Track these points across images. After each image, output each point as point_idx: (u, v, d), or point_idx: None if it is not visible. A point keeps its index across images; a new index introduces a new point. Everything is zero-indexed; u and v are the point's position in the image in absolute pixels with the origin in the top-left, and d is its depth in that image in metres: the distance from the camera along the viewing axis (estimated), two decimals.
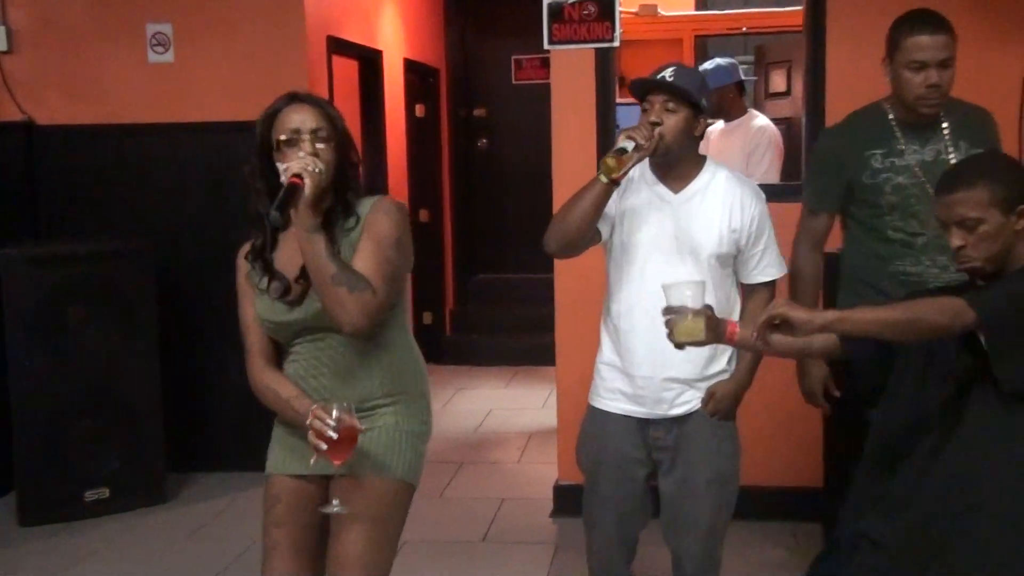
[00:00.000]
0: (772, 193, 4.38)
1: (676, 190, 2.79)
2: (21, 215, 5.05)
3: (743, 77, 5.33)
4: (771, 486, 4.23)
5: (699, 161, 2.83)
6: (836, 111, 4.12)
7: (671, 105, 2.69)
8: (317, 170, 2.24)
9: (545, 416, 5.87)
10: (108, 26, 5.03)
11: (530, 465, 5.19)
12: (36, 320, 4.42)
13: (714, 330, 2.33)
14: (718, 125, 5.25)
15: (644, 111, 2.73)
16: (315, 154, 2.28)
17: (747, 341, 2.38)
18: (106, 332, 4.54)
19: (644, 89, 2.74)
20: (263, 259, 2.41)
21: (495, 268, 8.11)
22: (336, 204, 2.35)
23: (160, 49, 4.99)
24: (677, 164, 2.77)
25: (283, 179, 2.23)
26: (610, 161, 2.63)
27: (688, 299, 2.31)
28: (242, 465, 4.99)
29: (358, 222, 2.35)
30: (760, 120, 5.11)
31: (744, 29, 6.97)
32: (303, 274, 2.33)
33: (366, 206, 2.38)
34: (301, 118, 2.32)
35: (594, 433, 2.92)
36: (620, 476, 2.86)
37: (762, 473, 4.28)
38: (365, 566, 2.35)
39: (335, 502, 2.34)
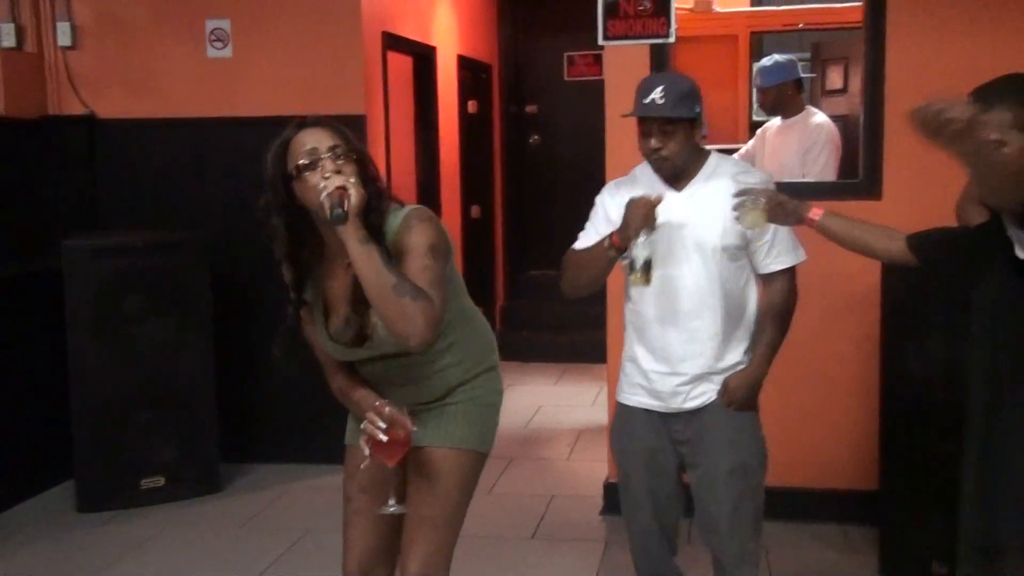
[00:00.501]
0: (830, 190, 4.39)
1: (679, 187, 2.81)
2: (83, 207, 5.15)
3: (801, 74, 5.27)
4: (824, 488, 4.19)
5: (702, 156, 2.84)
6: (896, 108, 4.08)
7: (668, 128, 2.71)
8: (351, 182, 2.19)
9: (595, 413, 5.86)
10: (168, 22, 5.11)
11: (580, 462, 5.18)
12: (96, 310, 4.50)
13: (793, 213, 2.49)
14: (775, 122, 5.20)
15: (643, 134, 2.75)
16: (339, 171, 2.22)
17: (828, 228, 2.51)
18: (163, 322, 4.61)
19: (634, 115, 2.76)
20: (300, 299, 2.42)
21: (546, 264, 8.09)
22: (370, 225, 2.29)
23: (219, 44, 5.05)
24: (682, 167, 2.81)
25: (322, 197, 2.18)
26: (634, 278, 2.69)
27: (757, 194, 2.49)
28: (295, 457, 5.05)
29: (383, 242, 2.29)
30: (818, 117, 5.05)
31: (800, 25, 6.90)
32: (354, 320, 2.35)
33: (398, 220, 2.33)
34: (316, 139, 2.28)
35: (621, 428, 2.97)
36: (650, 468, 2.89)
37: (815, 474, 4.24)
38: (434, 534, 2.45)
39: (391, 502, 2.42)
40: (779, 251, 2.83)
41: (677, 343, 2.80)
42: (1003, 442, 2.17)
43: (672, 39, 4.19)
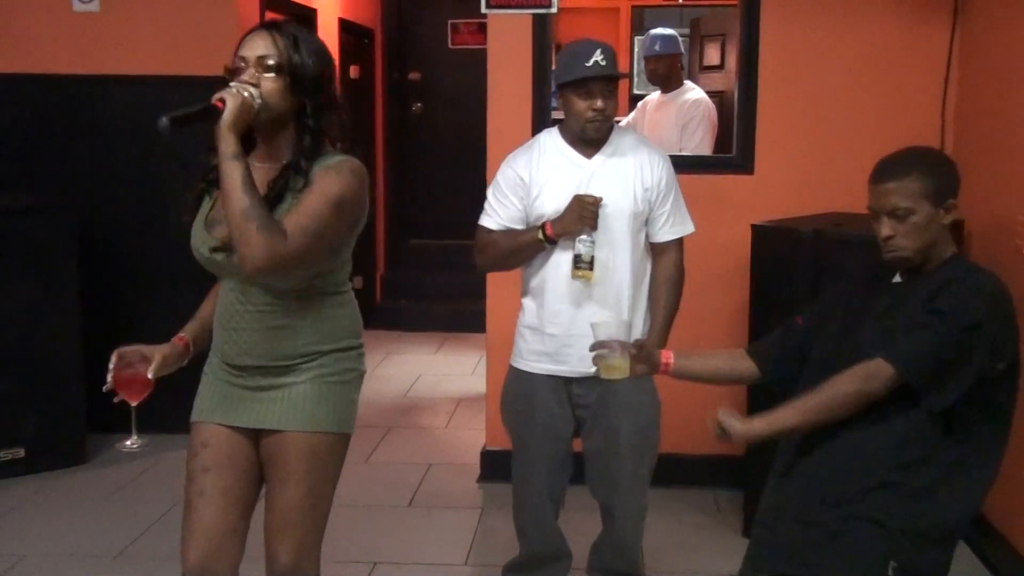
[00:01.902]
0: (704, 165, 4.47)
1: (589, 155, 2.89)
2: None
3: (683, 50, 5.36)
4: (693, 454, 4.30)
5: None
6: (769, 85, 4.19)
7: (611, 88, 2.82)
8: (246, 94, 2.13)
9: (474, 382, 5.88)
10: None
11: (458, 431, 5.20)
12: None
13: (647, 362, 2.45)
14: (655, 95, 5.27)
15: (585, 96, 2.78)
16: (254, 83, 2.16)
17: (683, 369, 2.49)
18: (25, 289, 4.41)
19: (579, 79, 2.79)
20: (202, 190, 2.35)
21: (427, 234, 8.07)
22: (294, 153, 2.23)
23: None
24: None
25: (213, 98, 2.14)
26: (580, 273, 2.80)
27: (614, 337, 2.42)
28: (165, 427, 4.85)
29: (307, 182, 2.22)
30: (695, 93, 5.15)
31: (680, 1, 7.01)
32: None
33: (326, 162, 2.25)
34: (253, 45, 2.22)
35: (520, 394, 3.01)
36: (548, 434, 2.96)
37: (684, 441, 4.34)
38: (302, 521, 2.34)
39: (130, 440, 2.43)
40: (675, 220, 2.96)
41: (588, 307, 2.85)
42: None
43: (555, 10, 4.20)
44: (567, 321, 2.88)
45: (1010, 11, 3.65)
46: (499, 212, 2.95)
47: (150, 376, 2.33)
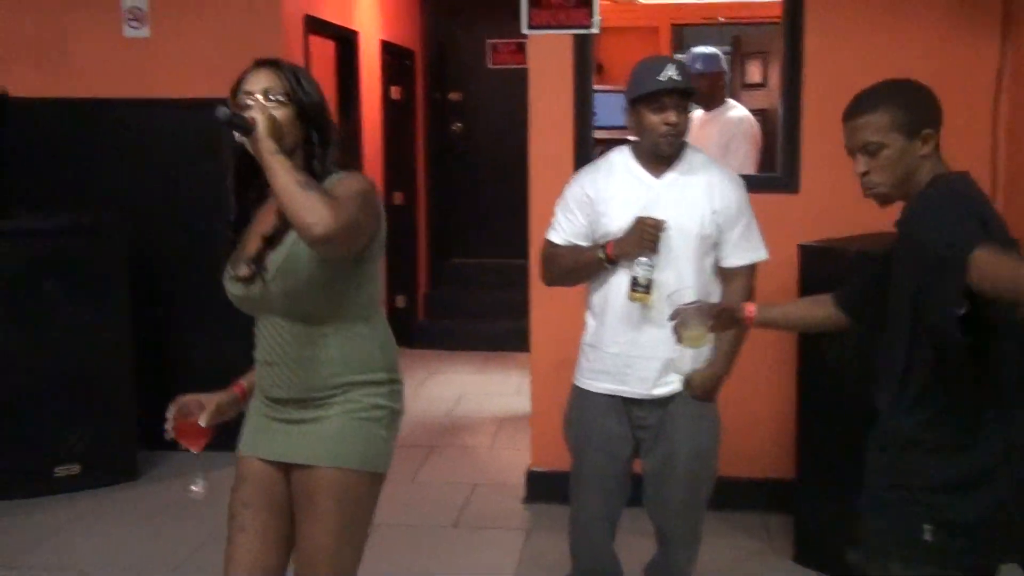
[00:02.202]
0: (748, 184, 4.41)
1: (658, 175, 2.86)
2: None
3: (726, 68, 5.36)
4: (744, 477, 4.26)
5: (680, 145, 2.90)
6: (813, 102, 4.17)
7: (683, 104, 2.80)
8: (267, 114, 2.17)
9: (517, 402, 5.88)
10: None
11: (502, 451, 5.21)
12: (8, 295, 4.37)
13: (729, 319, 2.46)
14: (697, 113, 5.26)
15: (657, 110, 2.77)
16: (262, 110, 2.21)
17: (768, 318, 2.49)
18: (79, 308, 4.50)
19: (652, 92, 2.78)
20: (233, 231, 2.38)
21: (469, 252, 8.11)
22: (310, 169, 2.26)
23: (135, 24, 4.93)
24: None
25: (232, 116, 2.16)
26: (637, 296, 2.78)
27: (693, 310, 2.44)
28: (214, 444, 4.95)
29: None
30: (738, 111, 5.13)
31: (720, 19, 7.00)
32: (257, 256, 2.27)
33: (335, 179, 2.28)
34: (256, 80, 2.27)
35: (580, 413, 2.99)
36: (605, 454, 2.94)
37: (735, 465, 4.30)
38: (329, 560, 2.31)
39: (195, 485, 2.44)
40: (746, 245, 2.92)
41: (651, 329, 2.82)
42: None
43: (596, 30, 4.21)
44: (627, 342, 2.86)
45: None
46: (565, 227, 2.94)
47: (202, 424, 2.37)
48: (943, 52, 4.08)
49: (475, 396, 6.25)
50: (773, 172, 4.39)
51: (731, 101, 5.26)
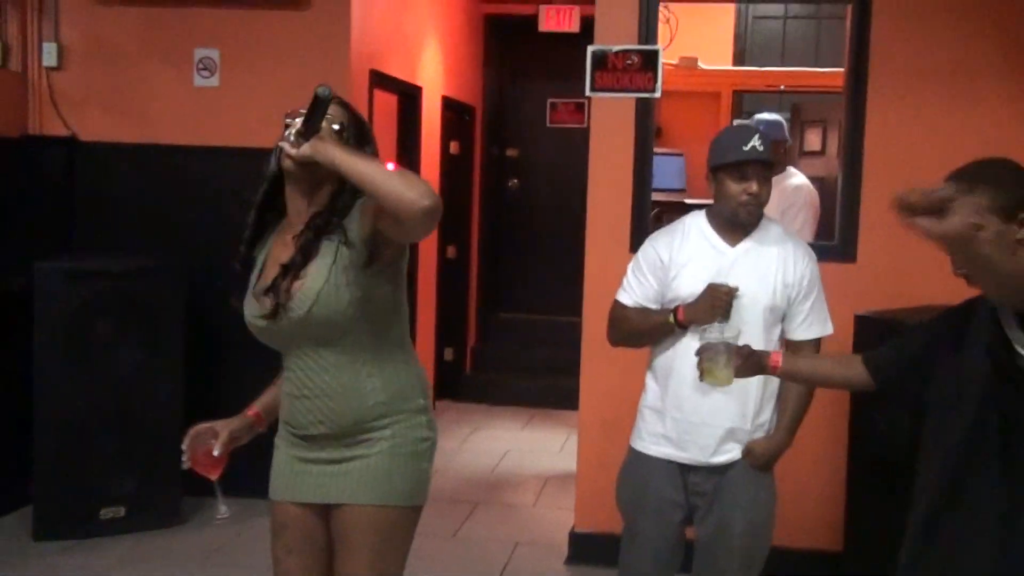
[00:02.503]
0: None
1: (732, 243, 2.87)
2: (59, 229, 5.11)
3: (787, 136, 5.36)
4: (790, 547, 4.17)
5: None
6: (872, 173, 4.15)
7: (766, 174, 2.83)
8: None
9: (562, 460, 5.85)
10: (157, 48, 5.11)
11: (546, 510, 5.16)
12: (65, 334, 4.44)
13: (756, 364, 2.42)
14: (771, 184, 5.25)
15: (739, 179, 2.79)
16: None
17: (792, 369, 2.46)
18: (133, 349, 4.56)
19: (735, 162, 2.80)
20: (249, 249, 2.42)
21: (519, 308, 8.12)
22: (336, 200, 2.27)
23: (206, 73, 5.06)
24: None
25: (287, 138, 2.20)
26: (720, 375, 2.62)
27: (722, 348, 2.42)
28: (259, 491, 4.97)
29: (347, 220, 2.25)
30: (798, 178, 5.12)
31: (782, 87, 7.01)
32: (273, 285, 2.26)
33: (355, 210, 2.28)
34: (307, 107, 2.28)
35: (635, 475, 2.97)
36: (659, 519, 2.91)
37: (782, 533, 4.23)
38: None
39: (219, 512, 2.49)
40: (814, 319, 2.91)
41: (715, 396, 2.80)
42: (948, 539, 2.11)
43: (658, 94, 4.24)
44: (691, 408, 2.84)
45: None
46: (636, 289, 2.94)
47: (216, 453, 2.39)
48: (1007, 123, 4.05)
49: (520, 453, 6.22)
50: (831, 241, 4.36)
51: (791, 169, 5.25)
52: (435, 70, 6.85)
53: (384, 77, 5.63)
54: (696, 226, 2.93)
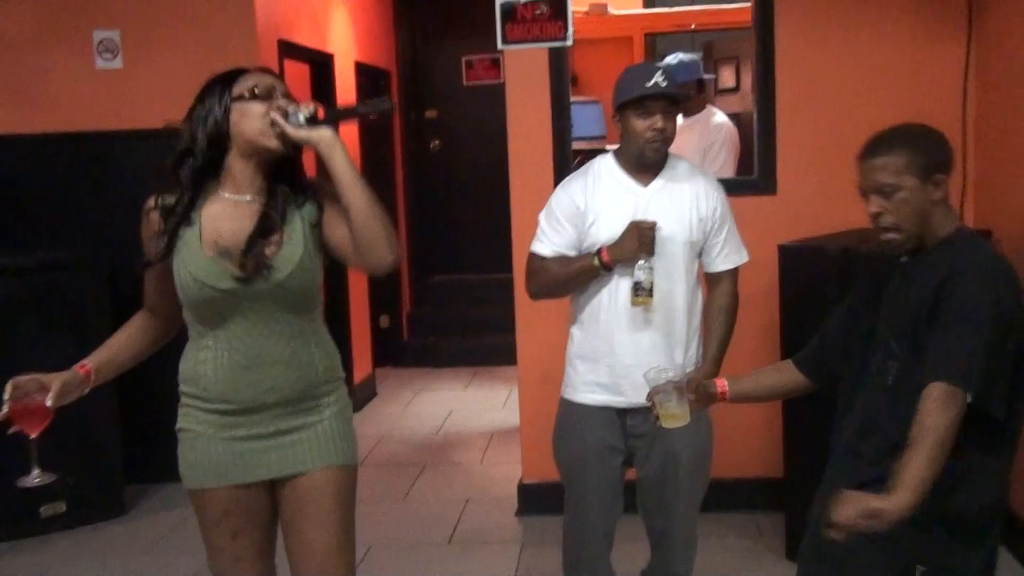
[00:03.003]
0: (727, 188, 4.44)
1: (644, 183, 2.86)
2: None
3: (704, 75, 5.38)
4: (733, 478, 4.27)
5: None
6: (786, 105, 4.20)
7: (671, 109, 2.81)
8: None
9: (506, 416, 5.89)
10: (54, 33, 4.97)
11: (493, 465, 5.20)
12: None
13: (704, 396, 2.45)
14: (677, 120, 5.28)
15: (644, 115, 2.77)
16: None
17: (740, 394, 2.49)
18: (59, 344, 4.44)
19: (639, 96, 2.77)
20: (180, 216, 2.29)
21: (451, 269, 8.12)
22: (290, 177, 2.31)
23: (108, 56, 4.93)
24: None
25: (294, 115, 2.18)
26: (640, 300, 2.76)
27: (672, 388, 2.40)
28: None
29: (306, 200, 2.30)
30: (718, 117, 5.15)
31: (692, 26, 7.04)
32: (251, 245, 2.22)
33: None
34: (273, 81, 2.28)
35: (572, 426, 2.95)
36: (601, 466, 2.91)
37: (724, 466, 4.31)
38: (342, 560, 2.35)
39: (31, 475, 2.34)
40: (730, 249, 2.93)
41: (644, 337, 2.82)
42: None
43: (570, 42, 4.24)
44: (623, 351, 2.83)
45: None
46: (552, 239, 2.90)
47: (49, 404, 2.23)
48: (912, 50, 4.13)
49: (464, 412, 6.25)
50: (751, 175, 4.41)
51: (711, 107, 5.29)
52: (345, 36, 6.75)
53: (293, 46, 5.54)
54: (606, 169, 2.90)
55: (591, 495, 2.93)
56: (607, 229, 2.82)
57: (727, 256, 2.93)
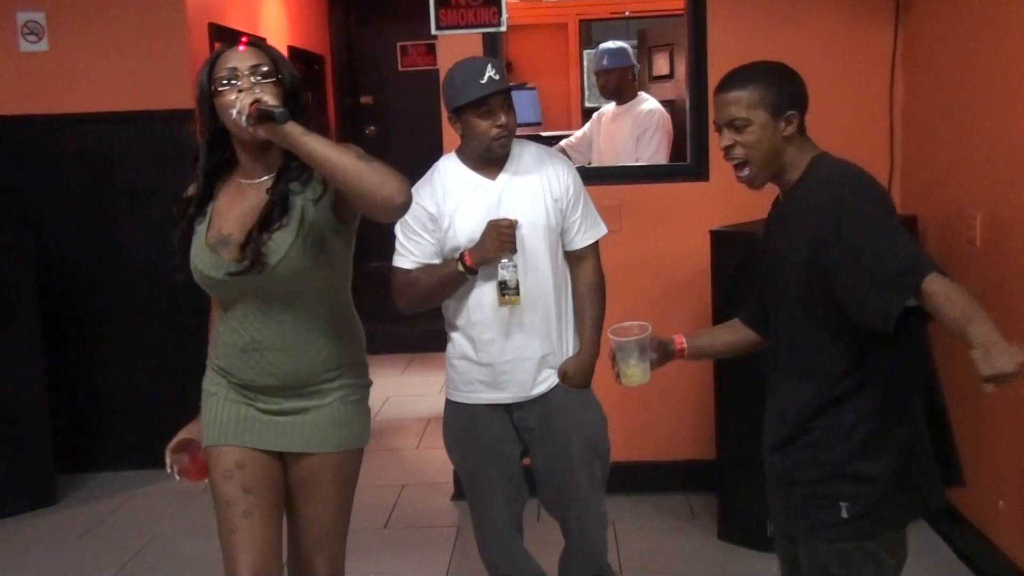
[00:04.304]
0: (660, 174, 4.53)
1: (492, 176, 2.81)
2: None
3: (634, 62, 5.44)
4: (665, 460, 4.34)
5: None
6: None
7: (509, 102, 2.75)
8: (263, 97, 2.12)
9: (442, 402, 5.85)
10: None
11: (429, 450, 5.21)
12: None
13: (662, 352, 2.41)
14: (610, 107, 5.33)
15: (486, 115, 2.71)
16: (253, 89, 2.16)
17: (698, 350, 2.47)
18: None
19: (477, 98, 2.70)
20: (196, 210, 2.32)
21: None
22: (287, 163, 2.26)
23: (33, 38, 4.81)
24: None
25: (239, 117, 2.12)
26: (507, 299, 2.74)
27: (633, 346, 2.34)
28: (134, 463, 4.89)
29: (312, 177, 2.25)
30: (650, 103, 5.21)
31: (627, 13, 7.10)
32: (249, 238, 2.21)
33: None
34: (239, 57, 2.23)
35: (461, 427, 2.93)
36: (498, 460, 2.89)
37: (656, 448, 4.39)
38: (336, 533, 2.46)
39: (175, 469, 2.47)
40: (587, 225, 2.89)
41: (519, 332, 2.80)
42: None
43: (504, 28, 4.24)
44: (498, 350, 2.79)
45: (950, 10, 3.75)
46: (412, 250, 2.83)
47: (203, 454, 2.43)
48: (842, 39, 4.20)
49: (400, 398, 6.24)
50: (684, 161, 4.47)
51: (643, 94, 5.34)
52: (278, 19, 6.68)
53: (224, 30, 5.45)
54: (451, 170, 2.85)
55: (493, 492, 2.91)
56: (464, 230, 2.76)
57: (586, 232, 2.88)
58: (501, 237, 2.68)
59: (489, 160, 2.80)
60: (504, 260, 2.72)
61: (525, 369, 2.82)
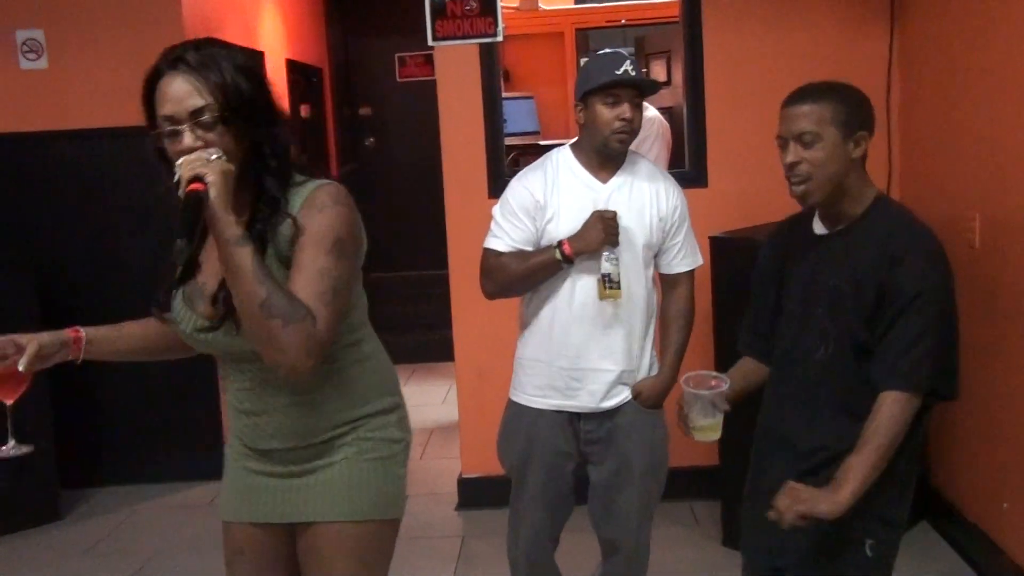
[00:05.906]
0: None
1: (603, 179, 2.76)
2: None
3: None
4: (670, 467, 4.32)
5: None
6: (716, 98, 4.27)
7: (638, 100, 2.70)
8: (217, 159, 1.74)
9: (445, 411, 5.89)
10: None
11: (433, 460, 5.21)
12: None
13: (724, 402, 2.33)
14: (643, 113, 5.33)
15: (612, 104, 2.66)
16: (202, 144, 1.77)
17: (736, 395, 2.37)
18: None
19: (609, 83, 2.65)
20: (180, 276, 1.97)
21: (389, 267, 8.09)
22: (258, 199, 1.86)
23: (32, 56, 4.83)
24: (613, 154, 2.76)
25: (180, 191, 1.73)
26: (609, 292, 2.65)
27: (708, 399, 2.26)
28: (137, 478, 4.90)
29: (287, 218, 1.85)
30: (650, 111, 5.21)
31: (623, 21, 7.11)
32: (221, 288, 1.86)
33: (301, 197, 1.88)
34: (177, 96, 1.79)
35: (521, 429, 2.85)
36: (550, 471, 2.83)
37: None
38: None
39: (7, 445, 2.05)
40: (686, 252, 2.84)
41: (602, 341, 2.73)
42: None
43: (500, 38, 4.25)
44: (578, 354, 2.73)
45: (945, 14, 3.76)
46: (510, 233, 2.74)
47: (21, 368, 1.95)
48: (837, 44, 4.21)
49: None
50: (683, 168, 4.48)
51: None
52: (276, 33, 6.70)
53: None
54: (564, 163, 2.76)
55: (536, 501, 2.86)
56: (566, 226, 2.69)
57: (684, 258, 2.84)
58: (607, 228, 2.62)
59: (605, 159, 2.74)
60: (607, 252, 2.65)
61: (599, 380, 2.76)
